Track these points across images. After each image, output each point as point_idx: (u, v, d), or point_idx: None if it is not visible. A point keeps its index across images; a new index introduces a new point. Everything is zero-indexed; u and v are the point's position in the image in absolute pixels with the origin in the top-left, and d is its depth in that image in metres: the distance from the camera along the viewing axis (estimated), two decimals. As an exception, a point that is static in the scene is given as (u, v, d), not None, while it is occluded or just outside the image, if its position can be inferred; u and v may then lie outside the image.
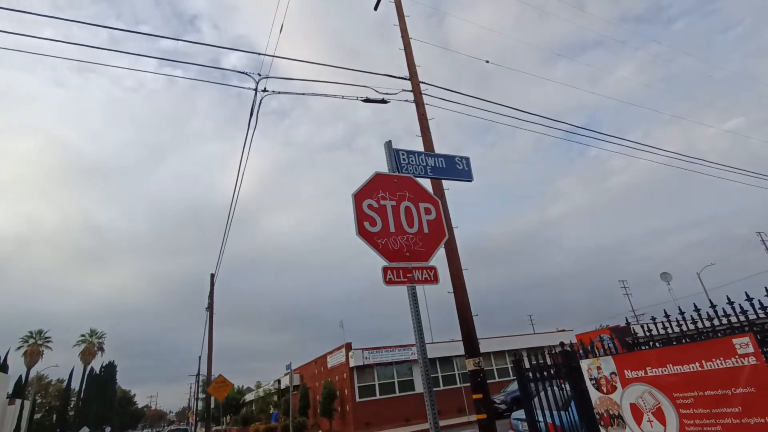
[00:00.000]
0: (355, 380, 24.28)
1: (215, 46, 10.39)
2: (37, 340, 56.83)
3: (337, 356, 26.80)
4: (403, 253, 3.27)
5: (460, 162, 4.60)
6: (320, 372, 30.25)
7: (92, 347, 64.65)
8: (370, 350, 24.76)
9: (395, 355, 25.04)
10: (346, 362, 24.96)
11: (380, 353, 24.86)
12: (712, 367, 3.51)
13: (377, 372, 24.76)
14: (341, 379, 25.81)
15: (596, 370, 4.59)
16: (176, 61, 8.20)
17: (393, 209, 3.40)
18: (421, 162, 4.28)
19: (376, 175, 3.52)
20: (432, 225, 3.54)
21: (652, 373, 3.97)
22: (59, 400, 65.90)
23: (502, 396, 18.88)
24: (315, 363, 31.89)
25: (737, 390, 3.33)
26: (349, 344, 25.34)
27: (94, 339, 65.42)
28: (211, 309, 23.94)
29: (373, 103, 9.85)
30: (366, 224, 3.22)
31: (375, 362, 24.55)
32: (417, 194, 3.61)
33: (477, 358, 6.75)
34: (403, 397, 24.40)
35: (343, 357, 25.52)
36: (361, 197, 3.33)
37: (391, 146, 3.90)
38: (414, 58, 9.98)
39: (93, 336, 65.47)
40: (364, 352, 24.56)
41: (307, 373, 33.51)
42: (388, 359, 24.88)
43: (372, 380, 24.56)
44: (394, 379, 24.87)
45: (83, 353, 63.80)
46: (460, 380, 25.65)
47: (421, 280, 3.24)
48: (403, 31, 10.25)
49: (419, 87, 9.61)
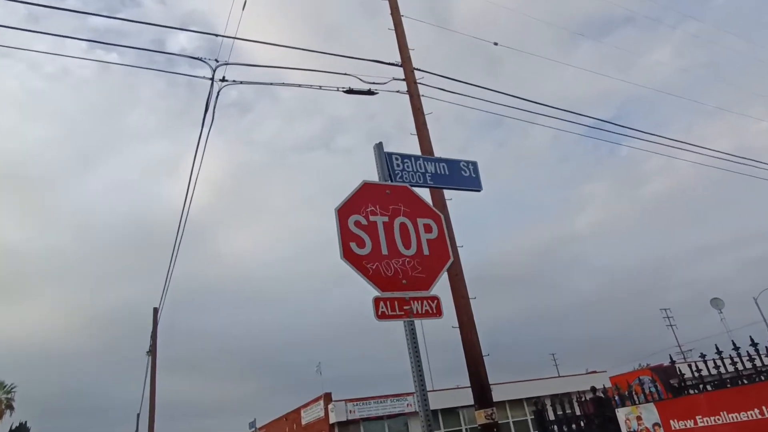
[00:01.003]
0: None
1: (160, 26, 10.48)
2: (-73, 397, 54.91)
3: (314, 410, 26.48)
4: (399, 280, 3.30)
5: (466, 167, 4.69)
6: (293, 430, 29.81)
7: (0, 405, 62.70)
8: (355, 401, 24.53)
9: (387, 407, 24.83)
10: (326, 417, 24.66)
11: (368, 405, 24.63)
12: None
13: (364, 429, 24.48)
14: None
15: (636, 420, 4.64)
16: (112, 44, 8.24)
17: (385, 226, 3.45)
18: (419, 168, 4.35)
19: (364, 185, 3.58)
20: (433, 245, 3.59)
21: (702, 422, 4.03)
22: (-46, 474, 63.49)
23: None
24: (286, 419, 31.46)
25: (805, 441, 3.41)
26: (329, 394, 25.09)
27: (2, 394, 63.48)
28: (154, 351, 23.52)
29: (358, 95, 9.97)
30: (353, 245, 3.26)
31: (362, 416, 24.30)
32: (414, 207, 3.67)
33: (489, 409, 6.75)
34: (397, 460, 24.16)
35: (322, 411, 25.22)
36: (346, 212, 3.37)
37: (382, 149, 3.97)
38: (407, 40, 10.15)
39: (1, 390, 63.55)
40: (348, 404, 24.31)
41: (277, 431, 33.00)
42: (377, 412, 24.66)
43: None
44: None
45: (-14, 412, 61.80)
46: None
47: (422, 313, 3.28)
48: (393, 7, 10.45)
49: (413, 75, 9.76)
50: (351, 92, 9.77)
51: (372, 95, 9.97)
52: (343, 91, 9.83)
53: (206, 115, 9.69)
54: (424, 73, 9.96)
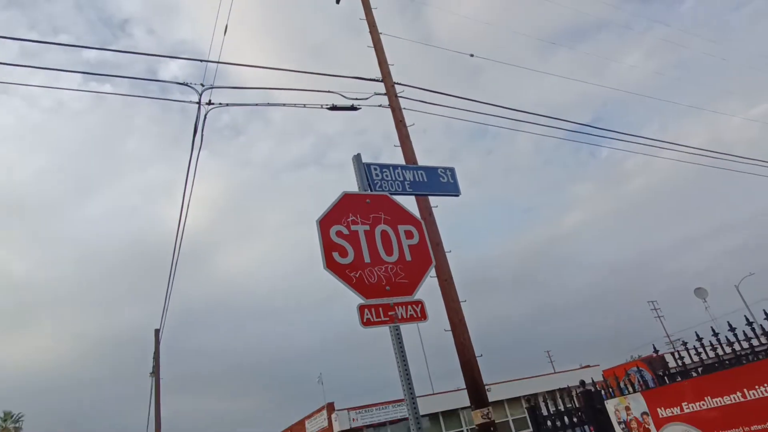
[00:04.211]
0: (342, 448, 23.67)
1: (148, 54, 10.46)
2: (-66, 431, 53.74)
3: (318, 420, 26.17)
4: (382, 286, 3.26)
5: (444, 174, 4.68)
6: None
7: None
8: (357, 410, 24.27)
9: (389, 413, 24.59)
10: (329, 427, 24.37)
11: (371, 412, 24.38)
12: (756, 396, 3.57)
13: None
14: (324, 448, 25.14)
15: (624, 411, 4.61)
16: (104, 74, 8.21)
17: (367, 235, 3.41)
18: (398, 176, 4.33)
19: (344, 196, 3.55)
20: (415, 251, 3.56)
21: (688, 409, 4.01)
22: (-35, 506, 62.00)
23: (522, 453, 18.67)
24: (291, 431, 31.07)
25: (787, 421, 3.39)
26: (332, 404, 24.82)
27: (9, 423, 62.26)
28: (157, 372, 23.19)
29: (341, 111, 9.98)
30: (335, 255, 3.22)
31: (365, 424, 24.03)
32: (395, 215, 3.64)
33: (485, 409, 6.68)
34: (402, 465, 23.87)
35: (325, 420, 24.93)
36: (327, 223, 3.34)
37: (361, 160, 3.95)
38: (386, 56, 10.20)
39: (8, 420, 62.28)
40: (351, 413, 24.04)
41: (282, 444, 32.55)
42: (380, 419, 24.40)
43: (362, 446, 23.98)
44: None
45: (-4, 443, 60.56)
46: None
47: (406, 318, 3.23)
48: (371, 26, 10.52)
49: (394, 89, 9.80)
50: (335, 109, 9.79)
51: (355, 111, 9.98)
52: (327, 108, 9.85)
53: (195, 138, 9.68)
54: (405, 86, 10.00)
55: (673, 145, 14.16)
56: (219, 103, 9.12)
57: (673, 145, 14.28)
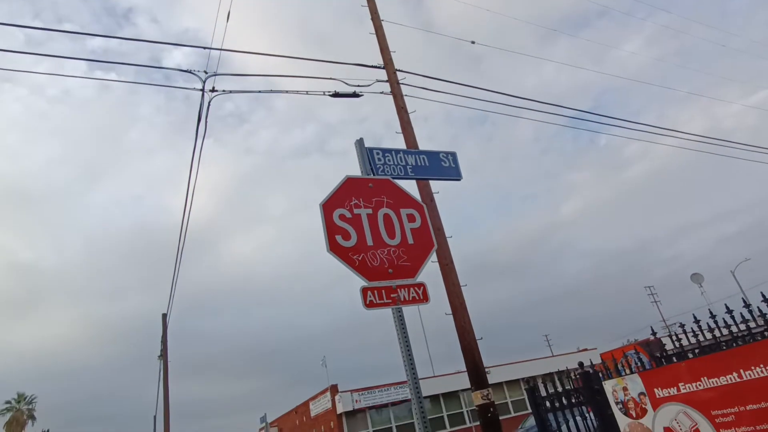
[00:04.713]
0: (345, 428, 23.93)
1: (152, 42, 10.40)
2: (-52, 413, 54.45)
3: (322, 402, 26.45)
4: (385, 269, 3.26)
5: (445, 158, 4.64)
6: (303, 422, 29.78)
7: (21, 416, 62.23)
8: (360, 391, 24.50)
9: (391, 394, 24.82)
10: (333, 408, 24.63)
11: (372, 394, 24.61)
12: (752, 377, 3.58)
13: (371, 417, 24.46)
14: (328, 428, 25.42)
15: (622, 391, 4.63)
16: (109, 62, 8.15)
17: (369, 218, 3.40)
18: (400, 161, 4.30)
19: (347, 180, 3.53)
20: (417, 234, 3.55)
21: (685, 389, 4.03)
22: (-19, 484, 63.11)
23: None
24: (296, 412, 31.42)
25: (783, 401, 3.40)
26: (335, 386, 25.05)
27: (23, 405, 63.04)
28: (165, 356, 23.41)
29: (343, 98, 9.92)
30: (338, 238, 3.21)
31: (367, 405, 24.28)
32: (397, 199, 3.62)
33: (485, 390, 6.73)
34: (403, 444, 24.16)
35: (329, 402, 25.19)
36: (330, 207, 3.32)
37: (363, 145, 3.92)
38: (388, 43, 10.10)
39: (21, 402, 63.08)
40: (354, 395, 24.28)
41: (287, 424, 32.96)
42: (382, 400, 24.64)
43: (365, 427, 24.25)
44: (391, 423, 24.60)
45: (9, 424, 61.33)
46: (469, 419, 25.54)
47: (408, 300, 3.23)
48: (373, 13, 10.40)
49: (396, 76, 9.72)
50: (337, 95, 9.72)
51: (357, 98, 9.92)
52: (329, 95, 9.78)
53: (199, 125, 9.64)
54: (407, 73, 9.91)
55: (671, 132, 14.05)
56: (223, 90, 9.06)
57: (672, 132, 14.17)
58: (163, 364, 23.40)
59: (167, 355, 23.56)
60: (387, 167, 4.14)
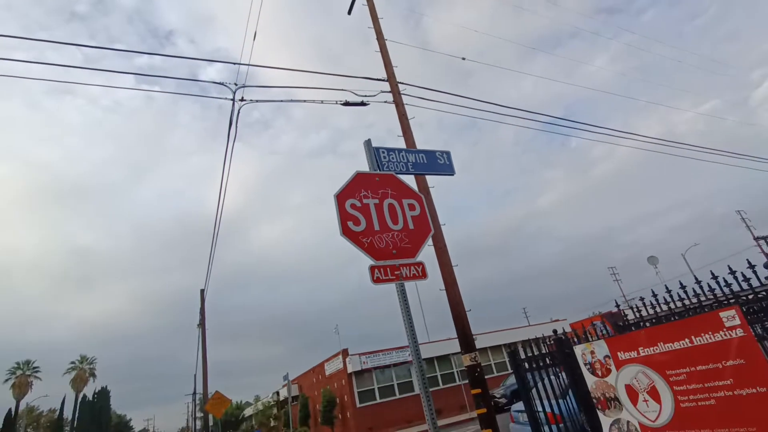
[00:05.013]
0: (354, 386, 24.12)
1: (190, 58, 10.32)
2: (25, 371, 55.25)
3: (335, 363, 26.63)
4: (390, 250, 3.24)
5: (441, 156, 4.60)
6: (318, 381, 30.00)
7: (83, 374, 63.03)
8: (367, 354, 24.64)
9: (393, 357, 24.96)
10: (344, 368, 24.80)
11: (377, 357, 24.75)
12: (701, 342, 3.55)
13: (376, 376, 24.64)
14: (340, 386, 25.62)
15: (590, 354, 4.61)
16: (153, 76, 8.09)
17: (376, 207, 3.37)
18: (402, 158, 4.26)
19: (357, 175, 3.50)
20: (417, 221, 3.52)
21: (644, 353, 4.00)
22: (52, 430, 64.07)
23: (502, 390, 18.94)
24: (313, 372, 31.65)
25: (727, 363, 3.37)
26: (346, 350, 25.20)
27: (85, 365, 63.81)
28: (203, 324, 23.57)
29: (353, 107, 9.84)
30: (350, 224, 3.19)
31: (373, 366, 24.44)
32: (399, 191, 3.59)
33: (473, 353, 6.75)
34: (403, 399, 24.31)
35: (341, 363, 25.36)
36: (343, 197, 3.30)
37: (371, 145, 3.88)
38: (391, 59, 10.00)
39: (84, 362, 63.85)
40: (362, 357, 24.42)
41: (306, 382, 33.22)
42: (385, 362, 24.79)
43: (371, 384, 24.42)
44: (393, 381, 24.77)
45: (74, 380, 62.14)
46: (459, 378, 25.67)
47: (410, 276, 3.22)
48: (378, 33, 10.28)
49: (398, 87, 9.63)
50: (347, 104, 9.64)
51: (365, 106, 9.84)
52: (341, 104, 9.70)
53: (230, 130, 9.61)
54: (407, 85, 9.81)
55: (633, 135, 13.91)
56: (250, 99, 9.01)
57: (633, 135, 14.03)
58: (202, 332, 23.58)
59: (205, 324, 23.73)
60: (391, 164, 4.11)
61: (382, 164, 4.06)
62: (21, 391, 53.64)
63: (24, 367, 55.36)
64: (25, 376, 54.72)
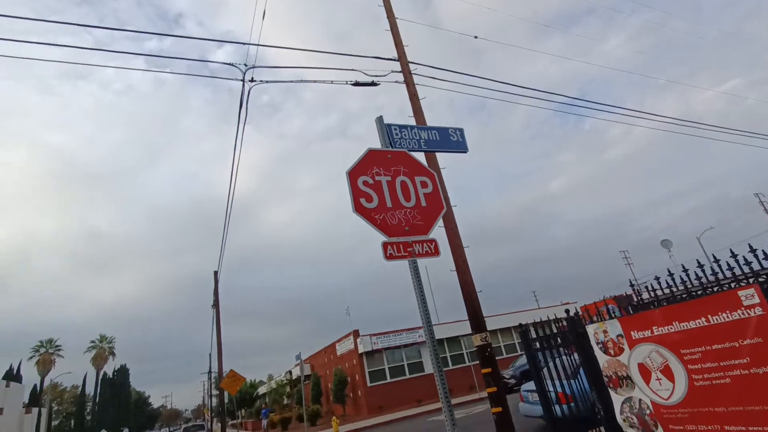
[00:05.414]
0: (365, 366, 24.51)
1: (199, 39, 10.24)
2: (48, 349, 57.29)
3: (346, 343, 27.02)
4: (402, 227, 3.21)
5: (453, 133, 4.52)
6: (330, 360, 30.54)
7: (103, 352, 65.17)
8: (377, 335, 24.94)
9: (403, 338, 25.24)
10: (355, 349, 25.17)
11: (388, 338, 25.05)
12: (718, 321, 3.50)
13: (386, 356, 24.98)
14: (351, 365, 26.06)
15: (603, 333, 4.59)
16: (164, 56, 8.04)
17: (388, 184, 3.34)
18: (414, 135, 4.19)
19: (369, 152, 3.45)
20: (429, 198, 3.48)
21: (658, 332, 3.96)
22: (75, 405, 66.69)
23: (511, 371, 19.07)
24: (324, 352, 32.19)
25: (744, 341, 3.32)
26: (357, 331, 25.52)
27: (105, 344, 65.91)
28: (217, 305, 24.03)
29: (363, 87, 9.71)
30: (362, 201, 3.17)
31: (383, 347, 24.76)
32: (412, 168, 3.54)
33: (484, 333, 6.76)
34: (413, 379, 24.68)
35: (352, 344, 25.73)
36: (355, 174, 3.26)
37: (383, 121, 3.82)
38: (401, 38, 9.80)
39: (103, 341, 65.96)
40: (372, 338, 24.74)
41: (317, 362, 33.85)
42: (396, 343, 25.09)
43: (382, 364, 24.80)
44: (403, 362, 25.11)
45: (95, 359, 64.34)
46: (468, 359, 25.91)
47: (422, 253, 3.20)
48: (388, 11, 10.05)
49: (408, 67, 9.46)
50: (357, 84, 9.51)
51: (375, 86, 9.70)
52: (350, 84, 9.58)
53: (241, 111, 9.58)
54: (418, 65, 9.63)
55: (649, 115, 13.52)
56: (260, 80, 8.94)
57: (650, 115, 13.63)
58: (216, 312, 24.06)
59: (218, 304, 24.18)
60: (403, 141, 4.04)
61: (394, 141, 4.00)
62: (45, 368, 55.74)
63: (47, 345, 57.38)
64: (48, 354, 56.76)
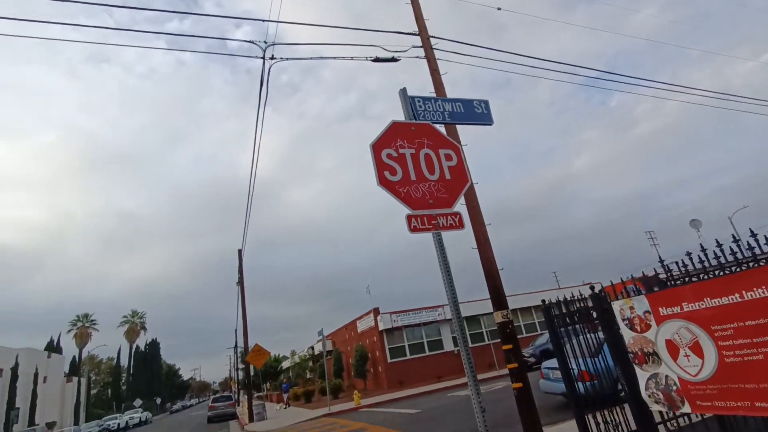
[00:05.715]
0: (386, 342, 24.94)
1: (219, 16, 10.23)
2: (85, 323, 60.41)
3: (366, 321, 27.49)
4: (426, 200, 3.20)
5: (478, 105, 4.41)
6: (351, 337, 31.19)
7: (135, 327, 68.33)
8: (397, 313, 25.26)
9: (422, 316, 25.49)
10: (375, 326, 25.59)
11: (408, 316, 25.34)
12: (753, 297, 3.38)
13: (406, 334, 25.33)
14: (371, 342, 26.56)
15: (629, 310, 4.51)
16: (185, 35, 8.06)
17: (412, 157, 3.31)
18: (438, 108, 4.11)
19: (393, 124, 3.42)
20: (453, 171, 3.44)
21: (688, 308, 3.86)
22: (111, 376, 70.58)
23: (531, 350, 19.08)
24: (345, 329, 32.86)
25: (781, 318, 3.21)
26: (377, 309, 25.90)
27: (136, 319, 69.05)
28: (242, 282, 24.70)
29: (383, 63, 9.55)
30: (386, 173, 3.15)
31: (403, 324, 25.09)
32: (436, 141, 3.50)
33: (505, 310, 6.74)
34: (433, 356, 25.01)
35: (372, 321, 26.15)
36: (379, 147, 3.24)
37: (406, 93, 3.75)
38: (422, 11, 9.53)
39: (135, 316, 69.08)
40: (392, 316, 25.07)
41: (339, 338, 34.62)
42: (415, 321, 25.37)
43: (401, 341, 25.18)
44: (423, 339, 25.43)
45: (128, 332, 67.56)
46: (488, 337, 26.04)
47: (446, 226, 3.18)
48: (409, -18, 9.75)
49: (429, 41, 9.22)
50: (377, 60, 9.36)
51: (395, 62, 9.52)
52: (370, 60, 9.43)
53: (261, 90, 9.60)
54: (439, 39, 9.38)
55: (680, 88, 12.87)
56: (280, 57, 8.90)
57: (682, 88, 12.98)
58: (240, 290, 24.75)
59: (243, 282, 24.85)
60: (427, 113, 3.98)
61: (418, 113, 3.94)
62: (82, 341, 58.96)
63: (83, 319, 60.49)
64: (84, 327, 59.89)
